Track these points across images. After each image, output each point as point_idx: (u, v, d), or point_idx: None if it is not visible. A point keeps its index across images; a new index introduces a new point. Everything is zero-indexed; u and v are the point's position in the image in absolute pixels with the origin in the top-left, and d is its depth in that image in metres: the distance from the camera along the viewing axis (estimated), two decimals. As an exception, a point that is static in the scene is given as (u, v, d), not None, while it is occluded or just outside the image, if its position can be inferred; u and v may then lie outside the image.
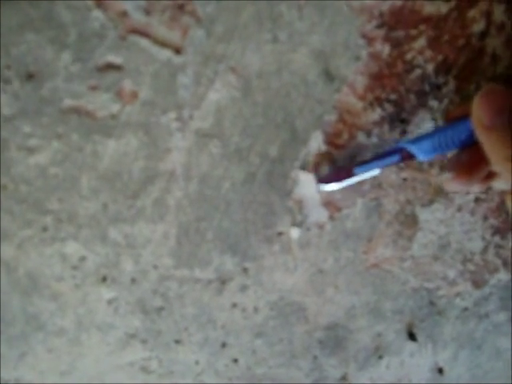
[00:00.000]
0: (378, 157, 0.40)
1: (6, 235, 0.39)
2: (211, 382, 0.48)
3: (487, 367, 0.58)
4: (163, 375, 0.47)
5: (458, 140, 0.38)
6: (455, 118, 0.39)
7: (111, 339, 0.44)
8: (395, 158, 0.40)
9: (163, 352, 0.46)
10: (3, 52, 0.34)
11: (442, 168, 0.45)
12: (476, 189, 0.43)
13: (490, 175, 0.40)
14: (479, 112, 0.34)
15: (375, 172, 0.40)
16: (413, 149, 0.39)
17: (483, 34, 0.41)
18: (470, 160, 0.38)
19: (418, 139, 0.39)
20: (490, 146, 0.34)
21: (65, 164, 0.38)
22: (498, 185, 0.41)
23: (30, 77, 0.36)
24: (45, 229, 0.40)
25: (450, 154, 0.43)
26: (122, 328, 0.44)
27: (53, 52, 0.35)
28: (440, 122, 0.43)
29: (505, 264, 0.52)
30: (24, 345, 0.43)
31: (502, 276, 0.52)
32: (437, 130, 0.39)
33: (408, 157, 0.39)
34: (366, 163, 0.40)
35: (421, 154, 0.39)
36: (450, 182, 0.40)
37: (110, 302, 0.43)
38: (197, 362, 0.47)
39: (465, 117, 0.37)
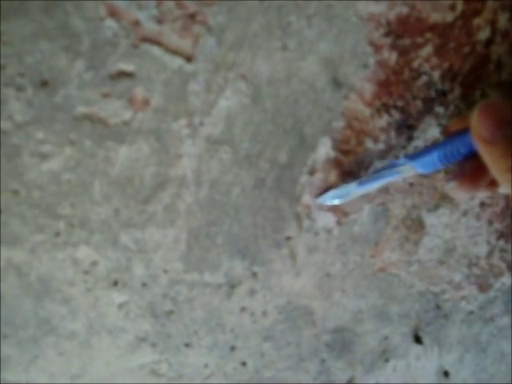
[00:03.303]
0: (380, 173, 0.41)
1: (18, 240, 0.40)
2: (220, 385, 0.49)
3: (492, 370, 0.58)
4: (173, 378, 0.47)
5: (458, 153, 0.38)
6: (454, 131, 0.40)
7: (122, 343, 0.45)
8: (396, 174, 0.41)
9: (173, 355, 0.46)
10: (17, 60, 0.35)
11: (448, 173, 0.46)
12: (482, 194, 0.44)
13: (495, 181, 0.40)
14: (479, 126, 0.35)
15: (376, 187, 0.41)
16: (413, 164, 0.39)
17: (488, 42, 0.42)
18: (473, 169, 0.39)
19: (418, 154, 0.40)
20: (490, 158, 0.35)
21: (77, 170, 0.39)
22: (503, 189, 0.41)
23: (43, 84, 0.36)
24: (57, 234, 0.40)
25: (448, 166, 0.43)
26: (133, 331, 0.45)
27: (66, 60, 0.36)
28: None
29: (509, 268, 0.52)
30: (35, 348, 0.43)
31: (507, 280, 0.53)
32: (437, 145, 0.39)
33: (409, 172, 0.40)
34: (367, 180, 0.41)
35: (421, 168, 0.39)
36: (455, 190, 0.40)
37: (120, 305, 0.43)
38: (206, 365, 0.48)
39: (463, 130, 0.37)
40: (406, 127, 0.43)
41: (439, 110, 0.43)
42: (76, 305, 0.43)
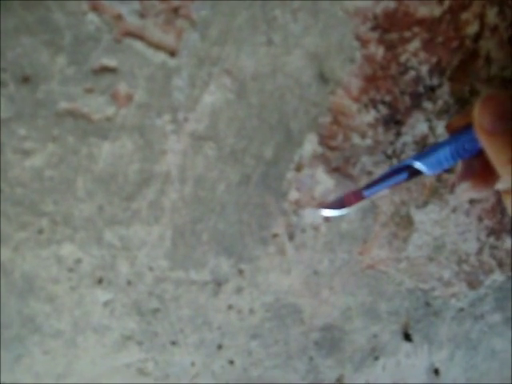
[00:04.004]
0: (385, 176, 0.40)
1: (1, 238, 0.39)
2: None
3: (483, 368, 0.58)
4: (159, 377, 0.47)
5: (464, 150, 0.37)
6: (457, 128, 0.39)
7: (107, 341, 0.44)
8: (403, 175, 0.39)
9: (159, 354, 0.46)
10: (-2, 55, 0.35)
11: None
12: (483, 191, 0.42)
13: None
14: (481, 118, 0.34)
15: (384, 192, 0.40)
16: (419, 165, 0.39)
17: (477, 36, 0.42)
18: (483, 166, 0.38)
19: (424, 154, 0.38)
20: (492, 150, 0.34)
21: (60, 166, 0.38)
22: (503, 183, 0.40)
23: (25, 80, 0.36)
24: (40, 231, 0.40)
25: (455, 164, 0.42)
26: (118, 330, 0.44)
27: (48, 55, 0.35)
28: (434, 124, 0.43)
29: (500, 265, 0.52)
30: (20, 347, 0.43)
31: (497, 277, 0.52)
32: (442, 143, 0.38)
33: (415, 173, 0.39)
34: (373, 184, 0.40)
35: (428, 168, 0.38)
36: (468, 192, 0.39)
37: (105, 304, 0.43)
38: (193, 364, 0.47)
39: (467, 126, 0.37)
40: (394, 123, 0.42)
41: (427, 105, 0.43)
42: (60, 303, 0.42)
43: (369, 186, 0.40)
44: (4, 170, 0.37)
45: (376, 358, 0.53)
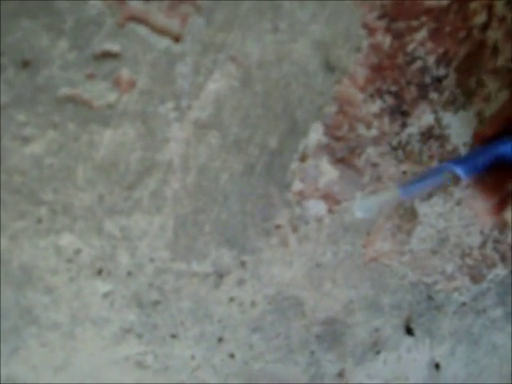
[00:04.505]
0: (423, 177, 0.39)
1: (-1, 227, 0.38)
2: (207, 377, 0.48)
3: (483, 363, 0.57)
4: (158, 370, 0.46)
5: (493, 159, 0.37)
6: (485, 136, 0.39)
7: (106, 333, 0.44)
8: (439, 178, 0.39)
9: (159, 347, 0.45)
10: (-3, 39, 0.34)
11: (442, 160, 0.45)
12: (490, 217, 0.42)
13: (503, 203, 0.40)
14: None
15: (421, 193, 0.40)
16: (457, 169, 0.38)
17: (484, 27, 0.41)
18: (495, 178, 0.39)
19: (463, 160, 0.38)
20: None
21: (60, 154, 0.37)
22: (508, 216, 0.40)
23: (25, 64, 0.35)
24: (39, 220, 0.39)
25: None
26: (118, 322, 0.43)
27: (49, 39, 0.34)
28: (440, 115, 0.43)
29: (502, 259, 0.51)
30: (17, 339, 0.42)
31: (500, 271, 0.52)
32: (477, 151, 0.38)
33: (452, 177, 0.38)
34: (410, 184, 0.39)
35: (464, 174, 0.38)
36: (474, 201, 0.40)
37: (105, 295, 0.42)
38: (193, 357, 0.47)
39: (502, 135, 0.37)
40: (400, 113, 0.42)
41: (434, 96, 0.42)
42: (59, 294, 0.41)
43: (405, 185, 0.39)
44: (2, 158, 0.36)
45: (377, 353, 0.52)
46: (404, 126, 0.42)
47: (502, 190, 0.39)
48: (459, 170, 0.38)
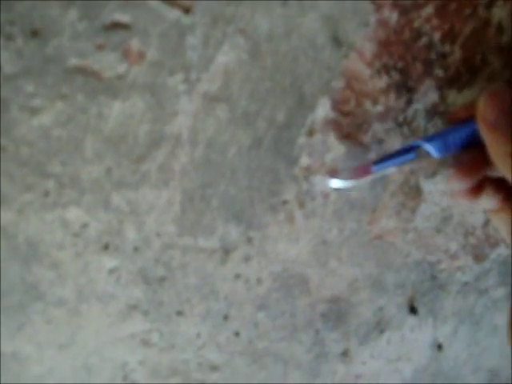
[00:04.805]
0: (395, 154, 0.41)
1: (5, 200, 0.38)
2: (212, 356, 0.48)
3: (485, 344, 0.58)
4: (164, 348, 0.46)
5: (467, 139, 0.39)
6: (458, 118, 0.41)
7: (112, 310, 0.43)
8: (411, 155, 0.40)
9: (164, 324, 0.45)
10: (6, 7, 0.33)
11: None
12: (464, 201, 0.43)
13: (479, 188, 0.41)
14: (484, 111, 0.36)
15: (392, 169, 0.41)
16: (428, 147, 0.40)
17: (489, 5, 0.41)
18: (471, 160, 0.40)
19: (433, 137, 0.40)
20: (493, 143, 0.36)
21: (69, 126, 0.37)
22: (483, 203, 0.42)
23: (34, 34, 0.35)
24: (46, 193, 0.38)
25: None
26: (124, 299, 0.43)
27: (59, 8, 0.34)
28: (445, 92, 0.43)
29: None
30: (22, 315, 0.42)
31: (502, 251, 0.53)
32: (449, 129, 0.40)
33: (423, 154, 0.40)
34: (382, 161, 0.41)
35: (435, 151, 0.40)
36: (450, 180, 0.41)
37: (111, 271, 0.42)
38: (198, 335, 0.47)
39: (471, 118, 0.38)
40: (406, 89, 0.42)
41: (439, 72, 0.42)
42: (65, 270, 0.41)
43: (378, 162, 0.41)
44: (9, 129, 0.36)
45: (381, 332, 0.53)
46: (410, 102, 0.43)
47: (478, 172, 0.40)
48: (430, 147, 0.39)
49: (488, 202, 0.41)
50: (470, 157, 0.40)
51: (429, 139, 0.40)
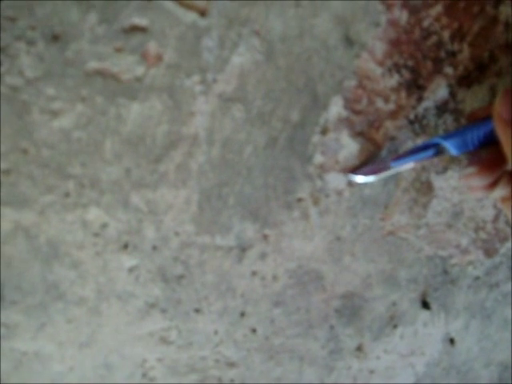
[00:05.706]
0: (414, 151, 0.42)
1: (27, 201, 0.39)
2: (229, 353, 0.48)
3: (496, 338, 0.59)
4: (182, 346, 0.47)
5: (485, 137, 0.40)
6: (477, 117, 0.42)
7: (131, 308, 0.44)
8: (430, 152, 0.41)
9: (183, 321, 0.46)
10: (28, 12, 0.34)
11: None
12: (481, 194, 0.44)
13: (496, 181, 0.42)
14: (500, 108, 0.37)
15: (409, 165, 0.42)
16: (446, 144, 0.40)
17: (497, 2, 0.42)
18: (490, 157, 0.41)
19: (452, 135, 0.41)
20: (506, 138, 0.37)
21: (88, 128, 0.38)
22: (498, 193, 0.42)
23: (55, 38, 0.35)
24: (67, 194, 0.39)
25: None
26: (143, 297, 0.44)
27: (78, 13, 0.35)
28: (454, 89, 0.44)
29: (515, 233, 0.53)
30: (43, 315, 0.42)
31: (512, 245, 0.53)
32: (467, 128, 0.40)
33: (442, 151, 0.41)
34: (401, 157, 0.42)
35: (454, 148, 0.41)
36: (470, 177, 0.42)
37: (130, 270, 0.43)
38: (216, 332, 0.47)
39: (489, 117, 0.39)
40: (416, 87, 0.43)
41: (448, 70, 0.43)
42: (85, 269, 0.42)
43: (397, 158, 0.42)
44: (31, 131, 0.37)
45: (394, 327, 0.53)
46: (420, 100, 0.44)
47: (498, 169, 0.41)
48: (449, 145, 0.40)
49: (502, 191, 0.42)
50: (489, 154, 0.41)
51: (448, 137, 0.41)
